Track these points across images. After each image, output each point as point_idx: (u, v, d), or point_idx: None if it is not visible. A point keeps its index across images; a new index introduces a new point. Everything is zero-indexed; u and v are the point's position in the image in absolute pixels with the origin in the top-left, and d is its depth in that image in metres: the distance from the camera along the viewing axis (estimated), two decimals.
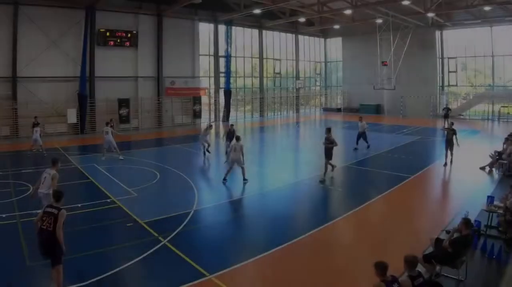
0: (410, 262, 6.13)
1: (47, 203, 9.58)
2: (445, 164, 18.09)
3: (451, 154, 18.08)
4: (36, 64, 27.59)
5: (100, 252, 9.04)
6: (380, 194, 13.85)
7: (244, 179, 15.11)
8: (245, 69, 43.45)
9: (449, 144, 17.92)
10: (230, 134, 19.73)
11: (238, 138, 15.69)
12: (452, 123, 18.73)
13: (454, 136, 17.84)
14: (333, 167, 16.16)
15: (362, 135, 22.52)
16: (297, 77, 48.63)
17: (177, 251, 8.99)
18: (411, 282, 5.96)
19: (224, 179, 15.16)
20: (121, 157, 19.67)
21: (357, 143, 22.57)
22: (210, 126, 21.21)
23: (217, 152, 22.23)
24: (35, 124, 21.49)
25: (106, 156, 19.70)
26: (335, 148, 15.61)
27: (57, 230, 6.84)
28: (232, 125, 21.10)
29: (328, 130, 15.78)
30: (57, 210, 7.04)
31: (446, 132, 18.29)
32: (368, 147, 22.42)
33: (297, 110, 48.90)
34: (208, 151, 20.55)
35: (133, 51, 32.53)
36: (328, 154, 15.52)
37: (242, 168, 15.19)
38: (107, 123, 20.48)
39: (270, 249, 9.22)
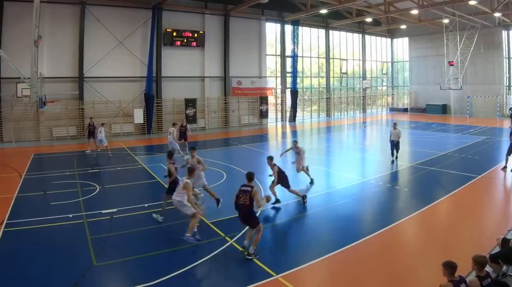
0: (480, 263, 6.04)
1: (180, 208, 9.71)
2: (505, 167, 16.70)
3: None
4: (102, 65, 28.12)
5: (168, 252, 9.12)
6: (446, 194, 13.66)
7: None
8: (312, 69, 42.93)
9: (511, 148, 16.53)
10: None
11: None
12: None
13: None
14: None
15: (395, 144, 18.94)
16: (364, 77, 47.82)
17: (244, 251, 8.90)
18: (480, 283, 5.86)
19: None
20: (185, 158, 19.40)
21: (392, 154, 19.11)
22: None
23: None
24: (101, 125, 21.67)
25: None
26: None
27: (255, 203, 8.72)
28: None
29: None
30: (250, 187, 8.81)
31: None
32: (393, 161, 19.01)
33: (364, 111, 47.85)
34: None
35: (199, 51, 32.56)
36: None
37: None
38: (173, 124, 20.42)
39: (337, 249, 9.12)
